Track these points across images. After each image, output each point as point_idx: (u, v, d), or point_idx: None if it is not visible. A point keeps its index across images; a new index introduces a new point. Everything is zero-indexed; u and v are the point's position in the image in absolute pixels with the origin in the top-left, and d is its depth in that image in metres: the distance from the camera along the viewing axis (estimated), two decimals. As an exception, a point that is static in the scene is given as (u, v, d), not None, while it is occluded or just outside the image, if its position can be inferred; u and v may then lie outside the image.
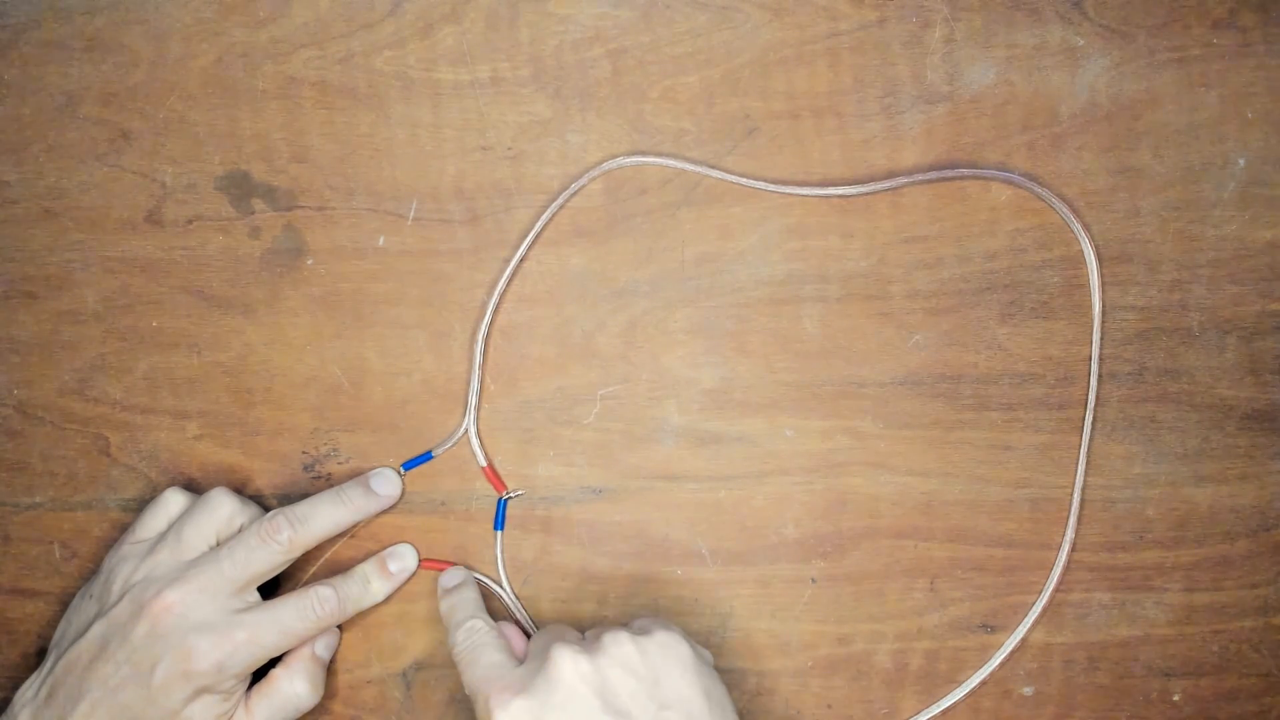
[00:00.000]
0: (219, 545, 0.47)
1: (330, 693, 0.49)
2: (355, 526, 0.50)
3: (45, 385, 0.51)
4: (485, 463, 0.50)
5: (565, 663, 0.42)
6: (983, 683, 0.49)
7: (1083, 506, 0.49)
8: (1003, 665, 0.49)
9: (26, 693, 0.46)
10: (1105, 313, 0.50)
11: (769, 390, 0.50)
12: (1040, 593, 0.49)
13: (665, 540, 0.50)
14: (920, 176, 0.49)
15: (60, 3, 0.52)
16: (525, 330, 0.51)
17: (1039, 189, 0.49)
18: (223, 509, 0.47)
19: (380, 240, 0.51)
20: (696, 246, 0.50)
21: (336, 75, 0.51)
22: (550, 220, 0.51)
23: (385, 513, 0.50)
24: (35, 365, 0.52)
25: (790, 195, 0.50)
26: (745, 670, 0.50)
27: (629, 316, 0.51)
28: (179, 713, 0.44)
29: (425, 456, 0.50)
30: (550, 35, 0.51)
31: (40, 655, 0.50)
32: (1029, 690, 0.49)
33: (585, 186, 0.51)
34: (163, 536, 0.47)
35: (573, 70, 0.51)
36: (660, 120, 0.51)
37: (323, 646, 0.48)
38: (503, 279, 0.50)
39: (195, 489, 0.50)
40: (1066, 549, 0.49)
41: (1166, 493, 0.49)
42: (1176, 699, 0.49)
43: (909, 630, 0.49)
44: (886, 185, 0.49)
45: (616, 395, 0.50)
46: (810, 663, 0.50)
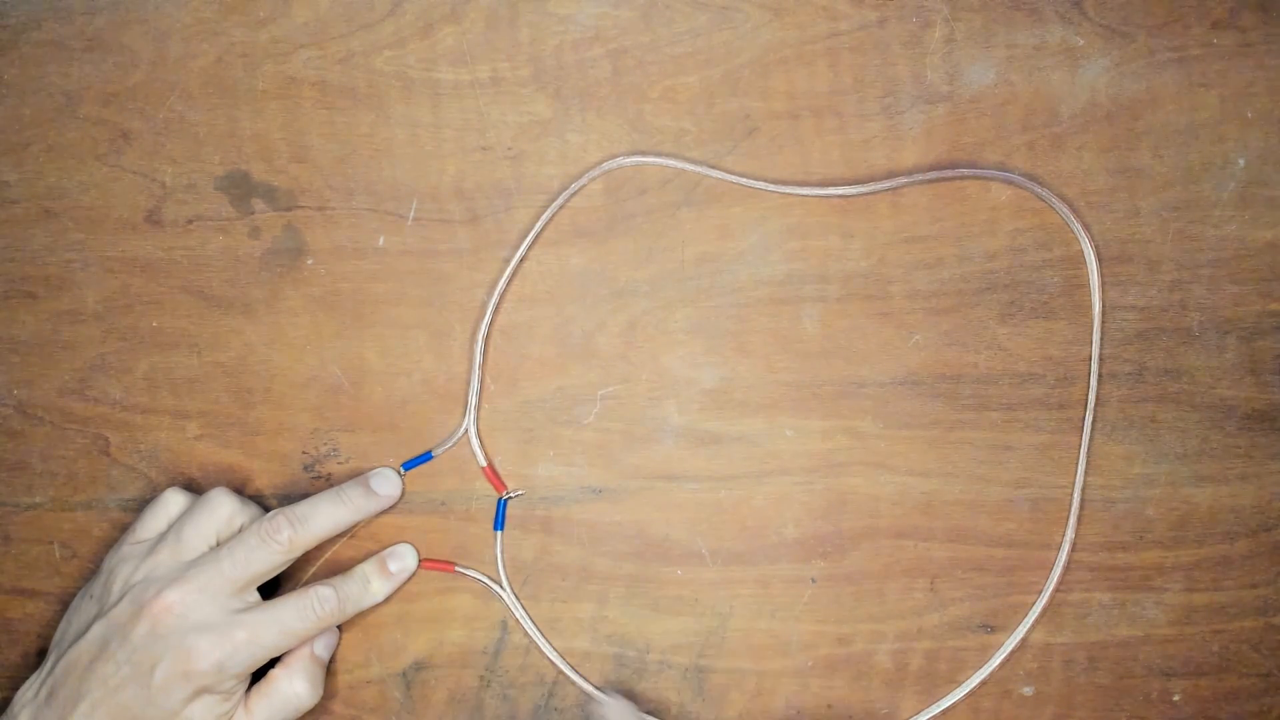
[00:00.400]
0: (219, 545, 0.47)
1: (330, 693, 0.49)
2: (355, 526, 0.50)
3: (45, 385, 0.51)
4: (485, 463, 0.50)
5: None
6: (983, 683, 0.49)
7: (1083, 506, 0.49)
8: (1003, 665, 0.49)
9: (26, 693, 0.46)
10: (1105, 313, 0.50)
11: (769, 390, 0.50)
12: (1040, 593, 0.49)
13: (665, 540, 0.50)
14: (920, 176, 0.49)
15: (60, 3, 0.52)
16: (525, 330, 0.51)
17: (1039, 189, 0.49)
18: (223, 509, 0.47)
19: (380, 240, 0.51)
20: (696, 246, 0.50)
21: (336, 75, 0.51)
22: (550, 220, 0.51)
23: (385, 513, 0.50)
24: (35, 365, 0.52)
25: (790, 195, 0.50)
26: (745, 670, 0.50)
27: (629, 316, 0.51)
28: (179, 713, 0.44)
29: (425, 456, 0.50)
30: (550, 35, 0.51)
31: (40, 655, 0.50)
32: (1029, 690, 0.49)
33: (585, 186, 0.51)
34: (163, 537, 0.47)
35: (573, 70, 0.51)
36: (660, 120, 0.51)
37: (322, 647, 0.48)
38: (503, 279, 0.50)
39: (195, 489, 0.50)
40: (1066, 549, 0.49)
41: (1166, 493, 0.49)
42: (1176, 699, 0.49)
43: (909, 630, 0.49)
44: (886, 185, 0.49)
45: (616, 395, 0.50)
46: (810, 663, 0.50)
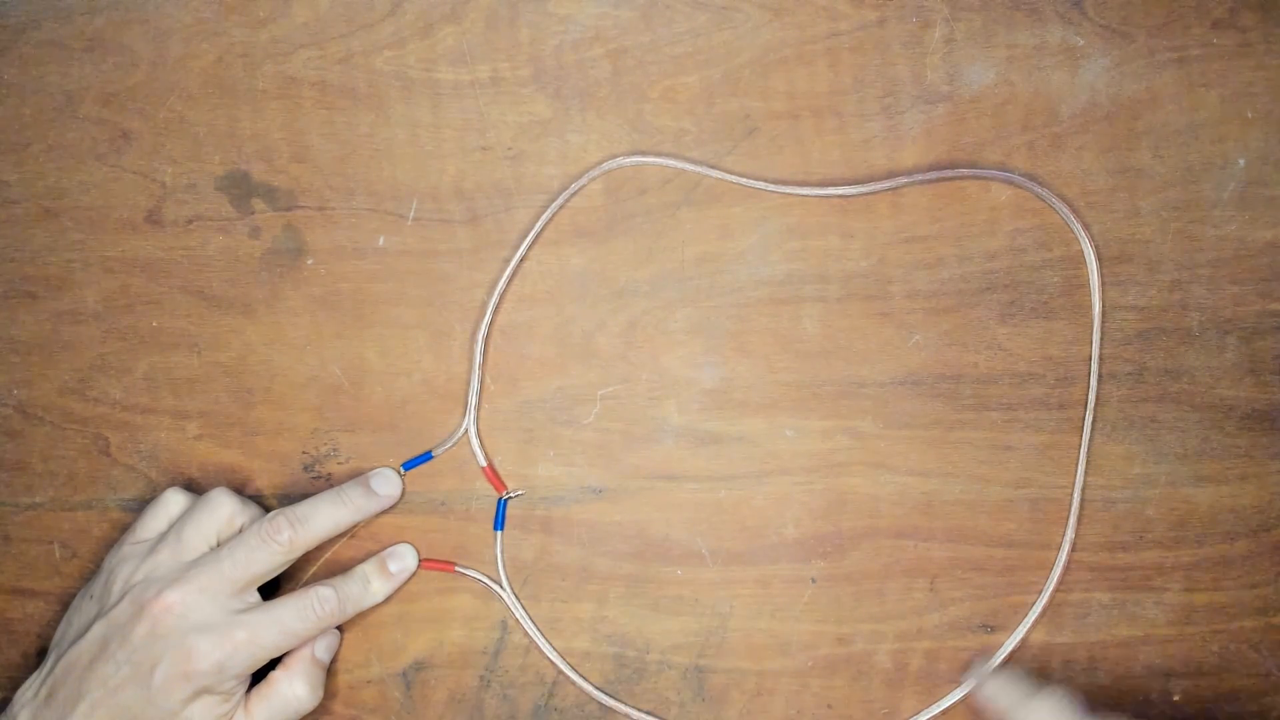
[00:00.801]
0: (219, 545, 0.47)
1: (330, 693, 0.49)
2: (355, 526, 0.50)
3: (45, 385, 0.51)
4: (485, 463, 0.50)
5: None
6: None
7: (1083, 506, 0.49)
8: (1002, 665, 0.49)
9: (26, 693, 0.46)
10: (1105, 313, 0.50)
11: (769, 390, 0.50)
12: (1040, 593, 0.49)
13: (665, 540, 0.50)
14: (920, 176, 0.49)
15: (60, 3, 0.52)
16: (525, 330, 0.51)
17: (1039, 189, 0.49)
18: (223, 509, 0.47)
19: (380, 240, 0.51)
20: (696, 246, 0.50)
21: (336, 75, 0.51)
22: (550, 220, 0.51)
23: (385, 513, 0.50)
24: (35, 365, 0.52)
25: (790, 195, 0.50)
26: (745, 670, 0.50)
27: (629, 316, 0.51)
28: (179, 713, 0.44)
29: (425, 456, 0.50)
30: (550, 35, 0.51)
31: (40, 655, 0.50)
32: (1029, 690, 0.49)
33: (585, 187, 0.51)
34: (163, 537, 0.47)
35: (573, 70, 0.51)
36: (660, 120, 0.51)
37: (323, 648, 0.48)
38: (503, 279, 0.50)
39: (195, 489, 0.50)
40: (1066, 549, 0.49)
41: (1166, 493, 0.49)
42: (1176, 699, 0.49)
43: (909, 630, 0.49)
44: (886, 185, 0.49)
45: (616, 395, 0.50)
46: (810, 663, 0.50)
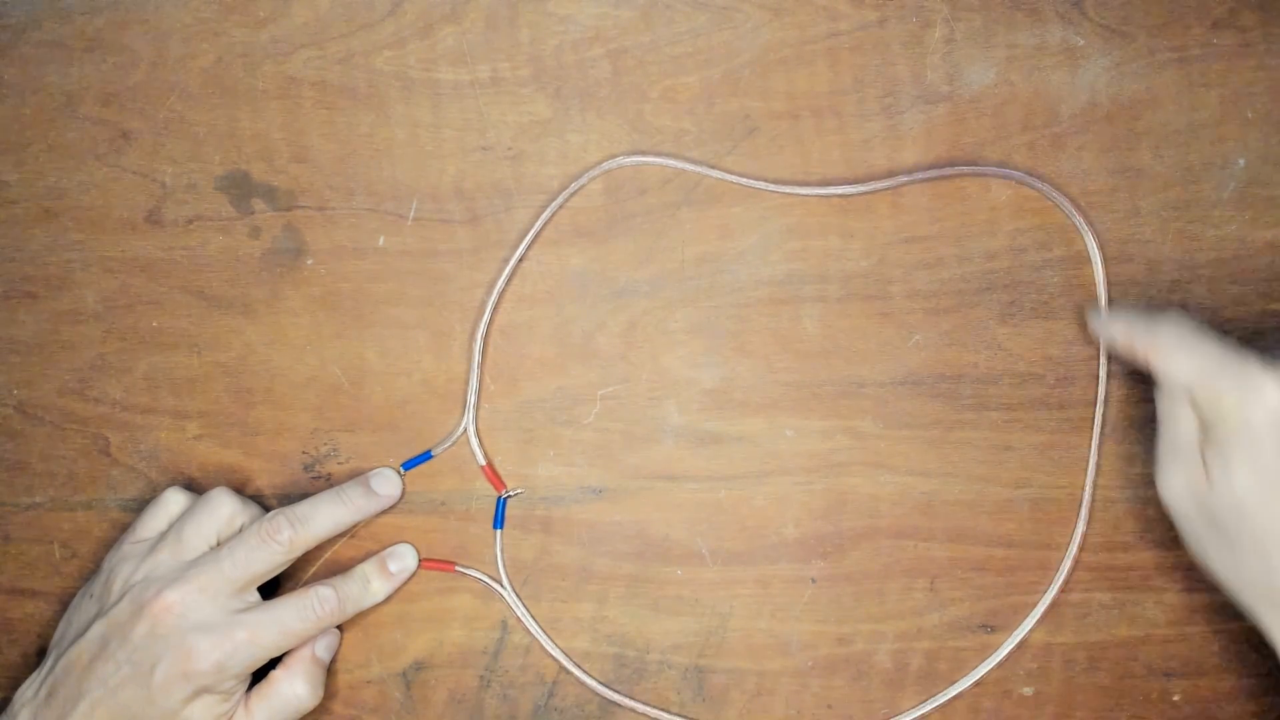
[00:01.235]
0: (219, 545, 0.47)
1: (330, 693, 0.49)
2: (355, 526, 0.50)
3: (45, 385, 0.51)
4: (484, 461, 0.50)
5: None
6: (983, 683, 0.49)
7: (1072, 504, 0.49)
8: (1002, 665, 0.49)
9: (26, 692, 0.46)
10: (1109, 310, 0.50)
11: (769, 390, 0.50)
12: (1042, 592, 0.49)
13: (665, 540, 0.50)
14: (920, 175, 0.49)
15: (60, 3, 0.52)
16: (525, 330, 0.51)
17: (1040, 184, 0.49)
18: (223, 509, 0.47)
19: (380, 240, 0.51)
20: (696, 246, 0.50)
21: (336, 75, 0.51)
22: (550, 220, 0.51)
23: (385, 513, 0.50)
24: (35, 365, 0.52)
25: (790, 195, 0.50)
26: (745, 670, 0.50)
27: (629, 316, 0.51)
28: (179, 713, 0.44)
29: (425, 456, 0.50)
30: (550, 35, 0.51)
31: (40, 655, 0.50)
32: (1029, 690, 0.49)
33: (585, 187, 0.51)
34: (163, 536, 0.47)
35: (573, 70, 0.51)
36: (660, 120, 0.51)
37: (323, 648, 0.48)
38: (501, 278, 0.50)
39: (195, 489, 0.50)
40: (1075, 548, 0.49)
41: (1166, 493, 0.49)
42: (1176, 699, 0.49)
43: (909, 630, 0.49)
44: (886, 184, 0.49)
45: (616, 395, 0.50)
46: (810, 663, 0.50)
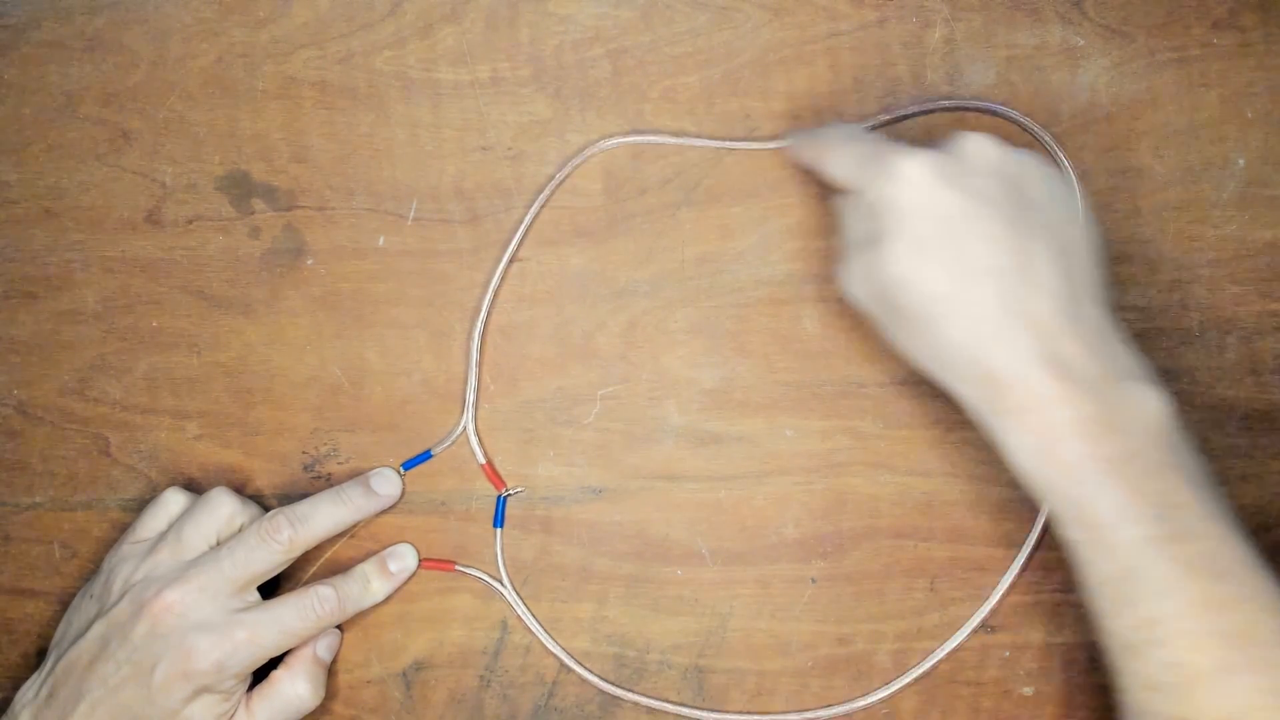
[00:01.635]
0: (219, 545, 0.47)
1: (330, 693, 0.49)
2: (355, 526, 0.50)
3: (45, 385, 0.51)
4: (484, 460, 0.50)
5: (979, 144, 0.41)
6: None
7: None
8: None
9: (27, 693, 0.46)
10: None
11: (769, 390, 0.50)
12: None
13: (665, 540, 0.50)
14: (900, 111, 0.49)
15: (60, 3, 0.52)
16: (525, 330, 0.51)
17: (1022, 118, 0.49)
18: (223, 509, 0.47)
19: (380, 240, 0.51)
20: (696, 246, 0.50)
21: (336, 75, 0.51)
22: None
23: (385, 513, 0.50)
24: (35, 365, 0.52)
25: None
26: (745, 670, 0.50)
27: (629, 316, 0.51)
28: (179, 712, 0.44)
29: (425, 456, 0.50)
30: (550, 35, 0.51)
31: (40, 655, 0.50)
32: (1029, 690, 0.49)
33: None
34: (163, 536, 0.47)
35: (573, 70, 0.51)
36: (660, 120, 0.51)
37: (324, 647, 0.48)
38: (499, 270, 0.50)
39: (195, 489, 0.50)
40: (1027, 550, 0.49)
41: (1166, 493, 0.49)
42: (1176, 699, 0.49)
43: (909, 630, 0.49)
44: (873, 124, 0.49)
45: (616, 395, 0.51)
46: (810, 663, 0.50)
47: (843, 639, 0.50)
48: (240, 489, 0.50)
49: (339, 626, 0.49)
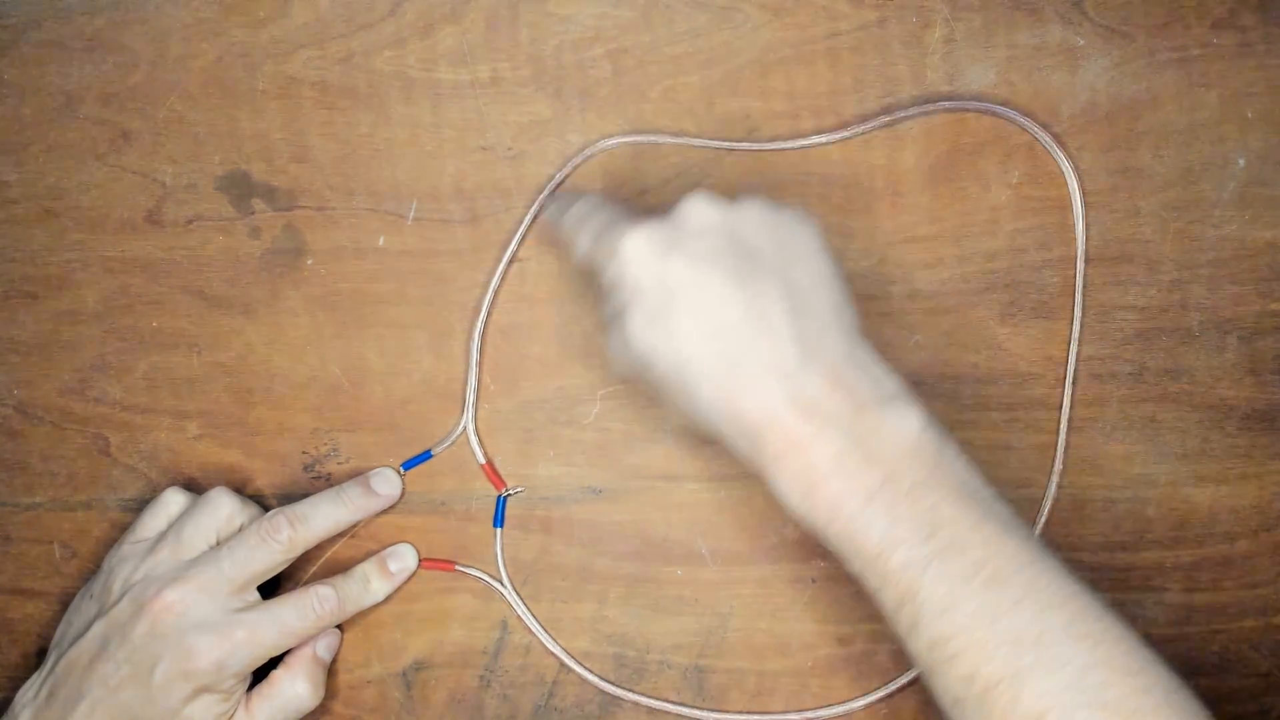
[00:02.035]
0: (219, 545, 0.47)
1: (330, 693, 0.49)
2: (355, 526, 0.50)
3: (45, 385, 0.51)
4: (484, 460, 0.50)
5: (696, 206, 0.41)
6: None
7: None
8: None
9: (27, 693, 0.46)
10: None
11: (769, 390, 0.50)
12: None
13: (665, 540, 0.50)
14: (902, 113, 0.49)
15: (60, 3, 0.52)
16: (525, 330, 0.51)
17: (1022, 118, 0.49)
18: (223, 509, 0.47)
19: (380, 240, 0.51)
20: (696, 246, 0.50)
21: (336, 75, 0.51)
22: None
23: (385, 513, 0.50)
24: (35, 365, 0.52)
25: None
26: (745, 670, 0.50)
27: (629, 316, 0.50)
28: (179, 712, 0.44)
29: (425, 456, 0.50)
30: (550, 35, 0.51)
31: (40, 655, 0.50)
32: (1029, 690, 0.49)
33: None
34: (163, 536, 0.47)
35: (573, 70, 0.51)
36: (660, 120, 0.51)
37: (324, 647, 0.48)
38: (499, 269, 0.50)
39: (195, 489, 0.50)
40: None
41: (1166, 493, 0.49)
42: (1176, 699, 0.49)
43: (909, 630, 0.49)
44: (861, 129, 0.49)
45: (616, 395, 0.51)
46: (810, 663, 0.50)
47: (843, 639, 0.50)
48: (240, 489, 0.50)
49: (339, 626, 0.50)
